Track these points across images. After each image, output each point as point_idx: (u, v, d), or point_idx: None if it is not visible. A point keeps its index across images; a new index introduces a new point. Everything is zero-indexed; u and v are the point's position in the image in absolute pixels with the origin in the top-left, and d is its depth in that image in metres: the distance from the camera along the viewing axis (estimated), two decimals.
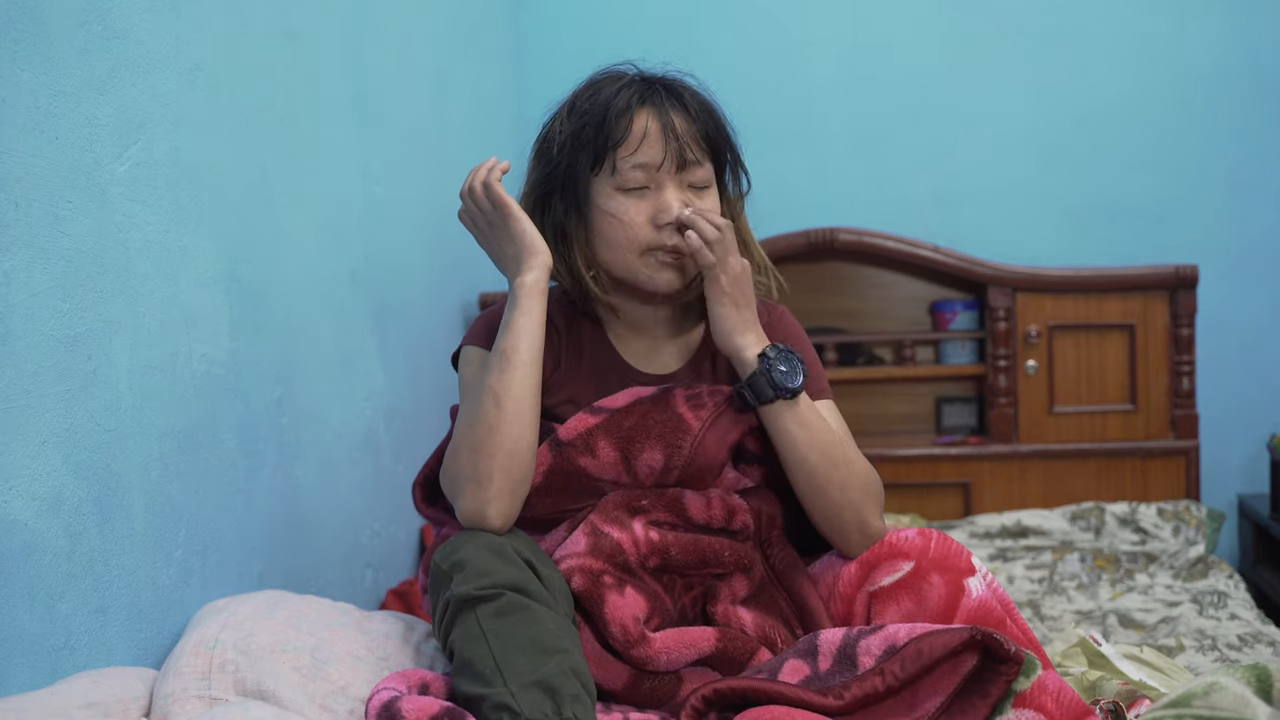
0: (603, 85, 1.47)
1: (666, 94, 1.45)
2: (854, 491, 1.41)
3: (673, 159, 1.43)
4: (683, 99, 1.46)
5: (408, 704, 1.20)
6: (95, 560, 1.28)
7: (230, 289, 1.59)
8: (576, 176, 1.45)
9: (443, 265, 2.56)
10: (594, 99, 1.45)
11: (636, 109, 1.43)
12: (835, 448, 1.42)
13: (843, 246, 2.84)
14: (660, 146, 1.42)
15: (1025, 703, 1.18)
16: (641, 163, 1.42)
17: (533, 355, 1.39)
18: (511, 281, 1.42)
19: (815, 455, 1.41)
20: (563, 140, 1.45)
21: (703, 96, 1.49)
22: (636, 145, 1.42)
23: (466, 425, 1.38)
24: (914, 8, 3.11)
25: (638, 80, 1.47)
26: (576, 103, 1.47)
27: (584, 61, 1.61)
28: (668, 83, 1.48)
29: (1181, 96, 3.03)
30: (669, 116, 1.43)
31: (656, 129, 1.43)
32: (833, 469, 1.41)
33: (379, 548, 2.16)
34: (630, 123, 1.43)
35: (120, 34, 1.34)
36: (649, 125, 1.43)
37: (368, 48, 2.14)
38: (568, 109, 1.47)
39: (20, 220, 1.17)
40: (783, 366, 1.40)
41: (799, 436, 1.41)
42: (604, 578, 1.35)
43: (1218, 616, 2.06)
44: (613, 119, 1.42)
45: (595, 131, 1.43)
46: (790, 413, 1.41)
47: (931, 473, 2.84)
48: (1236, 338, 3.01)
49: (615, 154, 1.43)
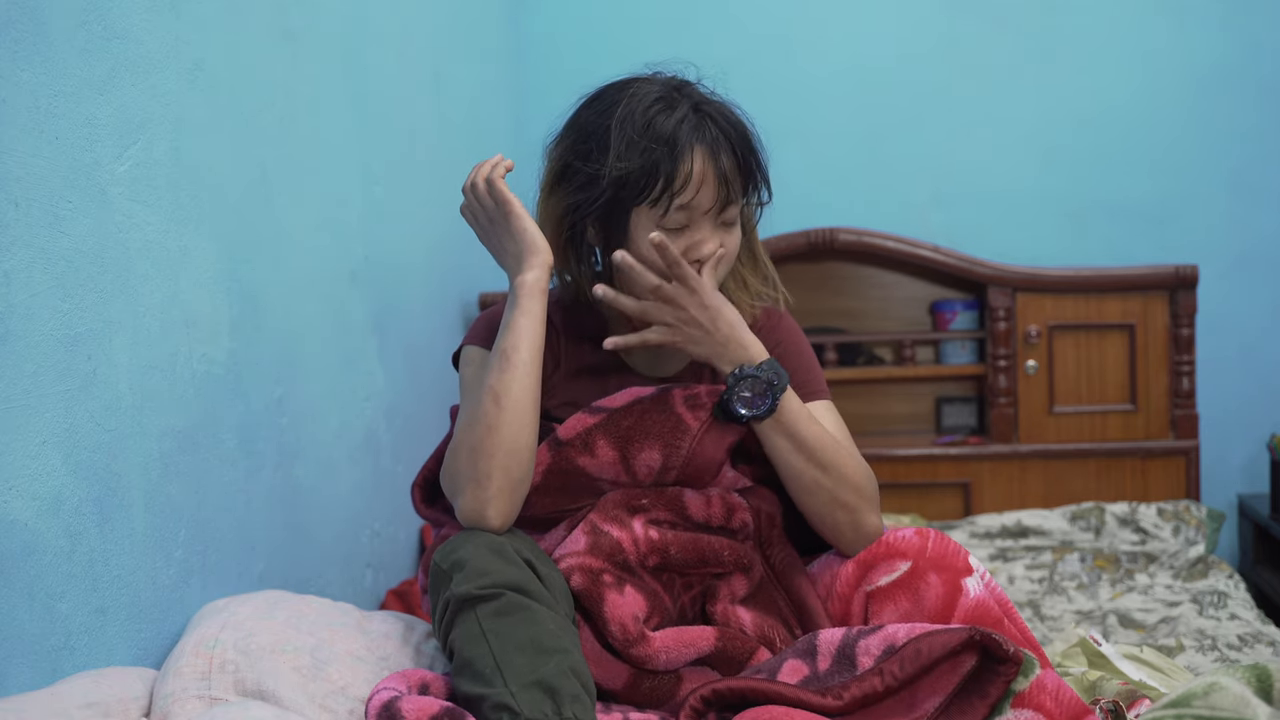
0: (653, 115, 1.41)
1: (717, 129, 1.42)
2: (847, 493, 1.41)
3: (719, 203, 1.42)
4: (729, 135, 1.43)
5: (408, 704, 1.20)
6: (95, 560, 1.28)
7: (230, 289, 1.59)
8: (621, 207, 1.42)
9: (443, 265, 2.56)
10: (648, 131, 1.39)
11: (694, 149, 1.40)
12: (824, 452, 1.41)
13: (843, 246, 2.84)
14: (711, 194, 1.41)
15: (1024, 702, 1.18)
16: (687, 204, 1.41)
17: (533, 355, 1.39)
18: (512, 280, 1.42)
19: (801, 461, 1.41)
20: (612, 173, 1.40)
21: (746, 127, 1.46)
22: (693, 194, 1.40)
23: (466, 425, 1.38)
24: (914, 8, 3.11)
25: (689, 111, 1.42)
26: (625, 129, 1.40)
27: (584, 61, 1.61)
28: (715, 114, 1.43)
29: (1182, 97, 3.03)
30: (719, 159, 1.41)
31: (711, 175, 1.40)
32: (821, 473, 1.41)
33: (379, 548, 2.16)
34: (689, 170, 1.39)
35: (120, 34, 1.34)
36: (704, 171, 1.40)
37: (368, 48, 2.14)
38: (615, 135, 1.40)
39: (20, 220, 1.17)
40: (746, 392, 1.40)
41: (783, 445, 1.41)
42: (603, 576, 1.35)
43: (1218, 616, 2.06)
44: (672, 162, 1.39)
45: (653, 172, 1.39)
46: (773, 426, 1.41)
47: (931, 473, 2.84)
48: (1236, 338, 3.01)
49: (671, 199, 1.40)
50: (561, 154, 1.48)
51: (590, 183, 1.42)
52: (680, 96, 1.44)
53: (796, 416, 1.42)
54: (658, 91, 1.44)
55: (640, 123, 1.40)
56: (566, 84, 1.52)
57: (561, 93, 1.51)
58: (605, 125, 1.42)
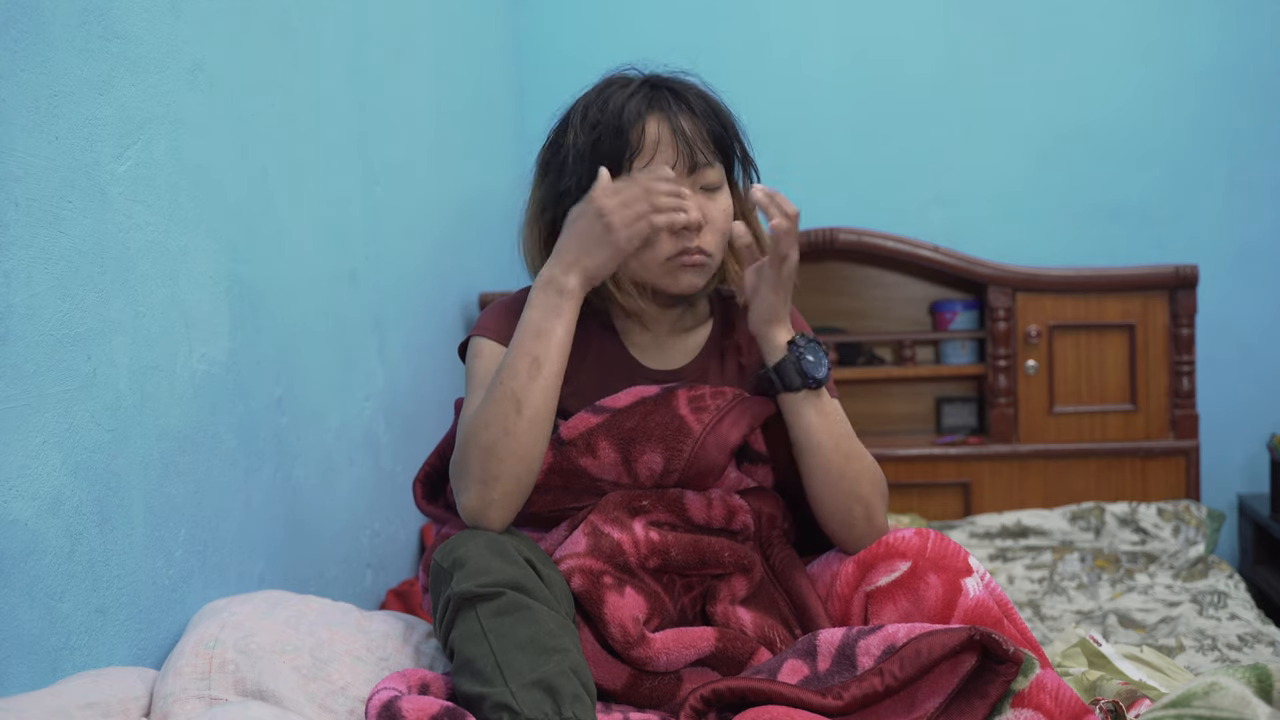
0: (611, 94, 1.45)
1: (673, 97, 1.45)
2: (865, 486, 1.42)
3: (684, 163, 1.43)
4: (688, 101, 1.45)
5: (408, 704, 1.20)
6: (95, 560, 1.28)
7: (230, 289, 1.59)
8: (587, 184, 1.43)
9: (443, 265, 2.56)
10: (604, 109, 1.44)
11: (647, 116, 1.43)
12: (850, 441, 1.43)
13: (843, 246, 2.84)
14: (671, 152, 1.42)
15: (1024, 702, 1.18)
16: (647, 166, 1.42)
17: (562, 365, 1.38)
18: (558, 278, 1.39)
19: (832, 445, 1.42)
20: (577, 152, 1.44)
21: (709, 96, 1.48)
22: (650, 155, 1.42)
23: (481, 424, 1.36)
24: (915, 8, 3.11)
25: (644, 86, 1.46)
26: (588, 113, 1.45)
27: (584, 61, 1.61)
28: (673, 85, 1.47)
29: (1181, 97, 3.03)
30: (677, 121, 1.43)
31: (668, 135, 1.42)
32: (847, 461, 1.42)
33: (379, 548, 2.16)
34: (642, 131, 1.42)
35: (120, 34, 1.34)
36: (659, 132, 1.42)
37: (368, 47, 2.14)
38: (579, 118, 1.45)
39: (20, 220, 1.17)
40: (810, 356, 1.42)
41: (819, 424, 1.42)
42: (604, 578, 1.35)
43: (1218, 616, 2.06)
44: (625, 129, 1.41)
45: (610, 143, 1.42)
46: (813, 401, 1.42)
47: (931, 473, 2.84)
48: (1236, 338, 3.01)
49: (630, 164, 1.42)
50: (540, 154, 1.51)
51: (560, 170, 1.46)
52: (640, 77, 1.48)
53: (829, 399, 1.44)
54: (619, 78, 1.49)
55: (597, 103, 1.45)
56: (567, 84, 1.52)
57: (562, 92, 1.52)
58: (569, 114, 1.48)
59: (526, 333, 1.38)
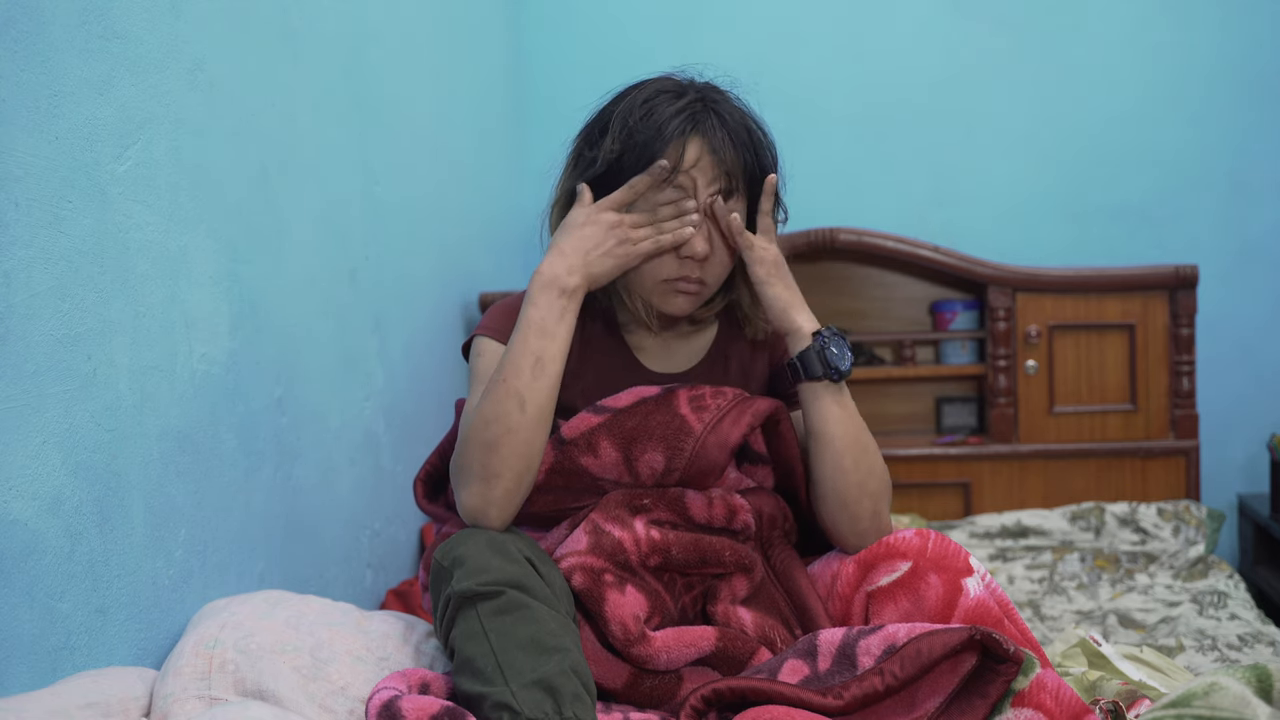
0: (657, 104, 1.43)
1: (719, 122, 1.43)
2: (875, 482, 1.43)
3: (713, 189, 1.43)
4: (731, 128, 1.43)
5: (408, 703, 1.20)
6: (95, 560, 1.28)
7: (230, 289, 1.59)
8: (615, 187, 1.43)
9: (443, 265, 2.56)
10: (647, 119, 1.42)
11: (689, 136, 1.41)
12: (866, 435, 1.44)
13: (843, 246, 2.85)
14: (705, 176, 1.42)
15: (1024, 701, 1.18)
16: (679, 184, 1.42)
17: (562, 365, 1.39)
18: (561, 278, 1.40)
19: (851, 438, 1.42)
20: (612, 158, 1.43)
21: (753, 128, 1.47)
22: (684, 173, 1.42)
23: (483, 421, 1.37)
24: (915, 8, 3.11)
25: (694, 103, 1.43)
26: (629, 120, 1.43)
27: (584, 61, 1.61)
28: (721, 110, 1.44)
29: (1181, 97, 3.03)
30: (718, 146, 1.42)
31: (706, 160, 1.42)
32: (861, 455, 1.43)
33: (379, 548, 2.16)
34: (682, 151, 1.41)
35: (120, 34, 1.34)
36: (698, 155, 1.41)
37: (368, 47, 2.14)
38: (619, 125, 1.43)
39: (20, 220, 1.17)
40: (834, 348, 1.43)
41: (838, 415, 1.43)
42: (604, 576, 1.35)
43: (1218, 616, 2.06)
44: (664, 147, 1.40)
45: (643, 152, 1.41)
46: (833, 392, 1.43)
47: (931, 473, 2.84)
48: (1236, 338, 3.01)
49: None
50: (575, 142, 1.51)
51: (589, 166, 1.46)
52: (692, 90, 1.46)
53: (847, 393, 1.45)
54: (671, 85, 1.47)
55: (641, 110, 1.43)
56: (567, 83, 1.53)
57: (562, 92, 1.52)
58: (611, 112, 1.46)
59: (530, 331, 1.38)
